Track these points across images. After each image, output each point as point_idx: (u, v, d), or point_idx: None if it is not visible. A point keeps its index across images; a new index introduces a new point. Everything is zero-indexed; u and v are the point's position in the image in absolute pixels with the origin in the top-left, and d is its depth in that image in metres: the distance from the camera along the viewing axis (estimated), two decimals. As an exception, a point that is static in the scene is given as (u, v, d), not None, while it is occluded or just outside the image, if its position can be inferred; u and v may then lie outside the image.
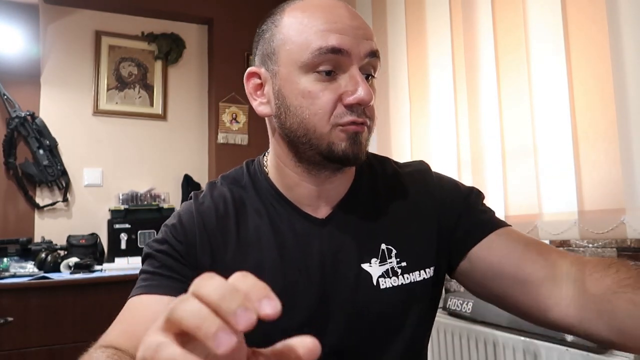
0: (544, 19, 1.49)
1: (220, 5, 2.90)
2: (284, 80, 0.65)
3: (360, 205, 0.72)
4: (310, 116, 0.63)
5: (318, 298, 0.67)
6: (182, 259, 0.68)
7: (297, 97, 0.64)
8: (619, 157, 1.25)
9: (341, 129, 0.63)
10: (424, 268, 0.71)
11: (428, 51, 1.99)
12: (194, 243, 0.69)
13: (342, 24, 0.63)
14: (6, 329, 1.87)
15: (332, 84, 0.63)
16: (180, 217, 0.72)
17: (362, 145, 0.65)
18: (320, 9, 0.64)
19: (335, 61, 0.62)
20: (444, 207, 0.73)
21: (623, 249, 1.28)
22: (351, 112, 0.63)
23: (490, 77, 1.66)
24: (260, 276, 0.70)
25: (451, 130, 1.82)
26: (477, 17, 1.74)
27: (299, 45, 0.63)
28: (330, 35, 0.62)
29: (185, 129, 2.90)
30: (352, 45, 0.62)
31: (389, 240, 0.70)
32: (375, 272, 0.69)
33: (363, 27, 0.65)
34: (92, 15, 2.73)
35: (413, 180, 0.76)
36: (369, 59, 0.64)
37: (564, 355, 1.15)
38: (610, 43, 1.27)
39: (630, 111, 1.23)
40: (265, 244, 0.69)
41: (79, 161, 2.62)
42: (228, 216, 0.71)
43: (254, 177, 0.75)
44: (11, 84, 2.47)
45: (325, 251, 0.69)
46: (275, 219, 0.71)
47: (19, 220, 2.46)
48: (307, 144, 0.65)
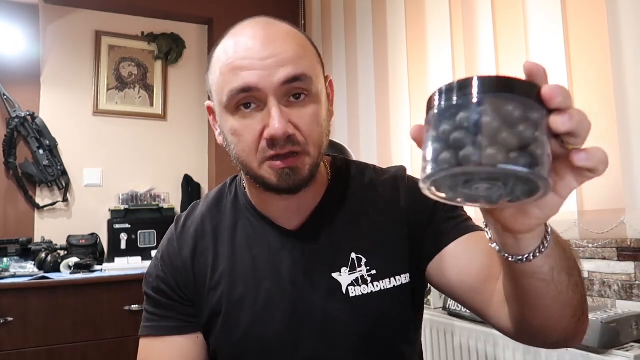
0: (543, 19, 1.49)
1: (220, 5, 2.90)
2: (220, 118, 0.67)
3: (332, 216, 0.73)
4: (240, 153, 0.65)
5: (292, 308, 0.69)
6: (173, 293, 0.74)
7: (229, 135, 0.66)
8: (619, 157, 1.25)
9: (269, 164, 0.63)
10: (395, 275, 0.71)
11: (428, 51, 1.99)
12: (180, 272, 0.75)
13: (251, 58, 0.62)
14: (6, 329, 1.87)
15: (253, 120, 0.63)
16: (164, 250, 0.78)
17: (298, 177, 0.63)
18: (234, 43, 0.64)
19: (252, 97, 0.62)
20: (414, 212, 0.72)
21: (623, 248, 1.28)
22: (273, 146, 0.62)
23: (490, 77, 1.66)
24: (235, 288, 0.70)
25: (451, 130, 1.82)
26: (477, 17, 1.74)
27: (220, 86, 0.64)
28: (239, 75, 0.61)
29: (185, 129, 2.91)
30: (261, 79, 0.61)
31: (359, 250, 0.71)
32: (344, 280, 0.70)
33: (276, 53, 0.62)
34: (92, 15, 2.73)
35: (387, 187, 0.76)
36: (289, 85, 0.62)
37: (564, 355, 1.15)
38: (610, 43, 1.27)
39: (630, 111, 1.23)
40: (239, 257, 0.72)
41: (79, 161, 2.62)
42: (205, 236, 0.75)
43: (235, 193, 0.79)
44: (11, 84, 2.47)
45: (297, 262, 0.70)
46: (250, 233, 0.74)
47: (19, 220, 2.46)
48: (248, 175, 0.67)
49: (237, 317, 0.70)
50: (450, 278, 0.68)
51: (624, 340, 1.11)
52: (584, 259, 1.37)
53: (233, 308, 0.71)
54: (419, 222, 0.72)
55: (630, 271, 1.25)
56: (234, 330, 0.70)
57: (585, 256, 1.37)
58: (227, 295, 0.71)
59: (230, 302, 0.71)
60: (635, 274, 1.24)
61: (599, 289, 1.32)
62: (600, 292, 1.32)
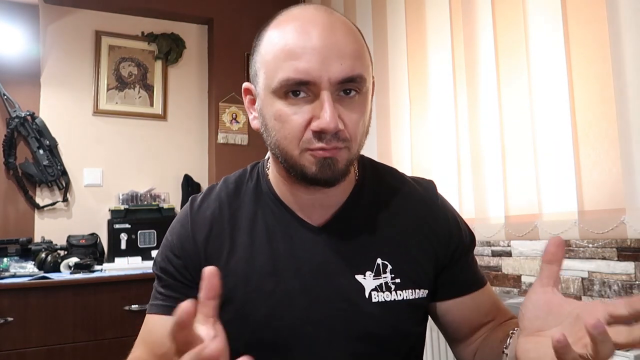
0: (544, 19, 1.48)
1: (220, 5, 2.90)
2: (263, 101, 0.65)
3: (358, 216, 0.72)
4: (281, 139, 0.63)
5: (310, 304, 0.68)
6: (181, 276, 0.72)
7: (271, 119, 0.64)
8: (619, 157, 1.25)
9: (310, 153, 0.62)
10: (417, 288, 0.71)
11: (428, 51, 1.99)
12: (189, 255, 0.72)
13: (311, 45, 0.60)
14: (6, 329, 1.87)
15: (302, 107, 0.61)
16: (176, 230, 0.75)
17: (337, 169, 0.63)
18: (292, 29, 0.62)
19: (304, 87, 0.60)
20: (443, 242, 0.74)
21: (623, 249, 1.28)
22: (319, 139, 0.61)
23: (490, 78, 1.66)
24: (252, 279, 0.69)
25: (451, 130, 1.82)
26: (477, 18, 1.74)
27: (271, 71, 0.62)
28: (295, 63, 0.59)
29: (185, 129, 2.90)
30: (319, 73, 0.59)
31: (385, 255, 0.70)
32: (368, 285, 0.69)
33: (336, 47, 0.60)
34: (92, 15, 2.73)
35: (417, 200, 0.75)
36: (344, 84, 0.61)
37: (564, 355, 1.15)
38: (610, 43, 1.27)
39: (630, 111, 1.23)
40: (259, 247, 0.70)
41: (79, 161, 2.62)
42: (222, 221, 0.73)
43: (255, 181, 0.76)
44: (11, 84, 2.47)
45: (319, 259, 0.69)
46: (271, 224, 0.72)
47: (19, 220, 2.46)
48: (284, 162, 0.65)
49: (253, 308, 0.69)
50: (449, 321, 0.76)
51: (624, 340, 1.11)
52: (584, 259, 1.37)
53: (249, 299, 0.69)
54: (443, 254, 0.74)
55: (630, 271, 1.25)
56: (249, 322, 0.69)
57: (585, 256, 1.37)
58: (243, 285, 0.69)
59: (246, 292, 0.69)
60: (635, 274, 1.24)
61: (599, 289, 1.32)
62: (600, 292, 1.32)
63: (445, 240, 0.74)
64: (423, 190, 0.77)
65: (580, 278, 1.38)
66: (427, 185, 0.78)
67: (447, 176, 1.83)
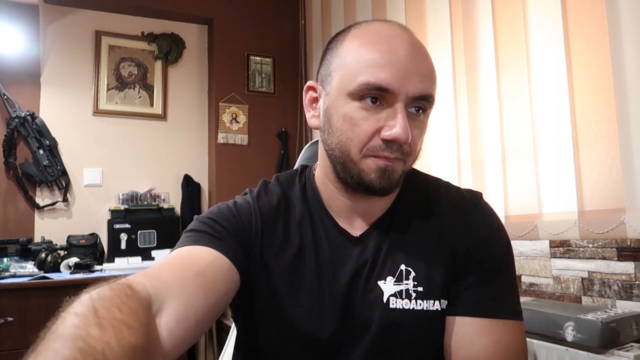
0: (544, 19, 1.49)
1: (220, 5, 2.90)
2: (332, 101, 0.66)
3: (394, 226, 0.72)
4: (347, 141, 0.64)
5: (342, 313, 0.68)
6: (233, 231, 0.68)
7: (339, 120, 0.65)
8: (619, 157, 1.25)
9: (373, 159, 0.63)
10: (440, 298, 0.68)
11: (428, 51, 1.98)
12: (248, 227, 0.70)
13: (397, 59, 0.62)
14: (6, 329, 1.87)
15: (374, 115, 0.63)
16: (238, 203, 0.74)
17: (393, 179, 0.64)
18: (378, 40, 0.64)
19: (381, 95, 0.62)
20: (464, 249, 0.69)
21: (623, 249, 1.28)
22: (385, 147, 0.63)
23: (490, 78, 1.66)
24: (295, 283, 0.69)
25: (451, 130, 1.82)
26: (477, 17, 1.74)
27: (350, 74, 0.64)
28: (379, 72, 0.61)
29: (185, 129, 2.91)
30: (399, 85, 0.61)
31: (410, 263, 0.69)
32: (387, 290, 0.68)
33: (418, 65, 0.63)
34: (92, 15, 2.74)
35: (453, 209, 0.72)
36: (418, 101, 0.63)
37: (564, 355, 1.14)
38: (610, 43, 1.27)
39: (630, 111, 1.23)
40: (306, 249, 0.71)
41: (79, 161, 2.62)
42: (279, 214, 0.73)
43: (304, 184, 0.77)
44: (11, 84, 2.47)
45: (353, 268, 0.69)
46: (317, 228, 0.72)
47: (19, 220, 2.46)
48: (341, 165, 0.66)
49: (290, 311, 0.68)
50: (446, 341, 0.67)
51: (624, 340, 1.11)
52: (584, 259, 1.37)
53: (289, 302, 0.68)
54: (460, 262, 0.69)
55: (630, 271, 1.25)
56: (283, 324, 0.68)
57: (585, 256, 1.37)
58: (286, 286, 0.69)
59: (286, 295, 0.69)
60: (635, 274, 1.24)
61: (599, 289, 1.32)
62: (600, 292, 1.32)
63: (467, 247, 0.69)
64: (462, 200, 0.74)
65: (580, 278, 1.38)
66: (469, 196, 0.75)
67: (447, 176, 1.83)
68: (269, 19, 2.99)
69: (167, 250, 2.41)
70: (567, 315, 1.15)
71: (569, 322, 1.14)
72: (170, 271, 0.58)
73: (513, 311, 0.67)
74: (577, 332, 1.12)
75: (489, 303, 0.67)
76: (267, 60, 2.99)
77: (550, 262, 1.46)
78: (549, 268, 1.46)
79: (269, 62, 3.00)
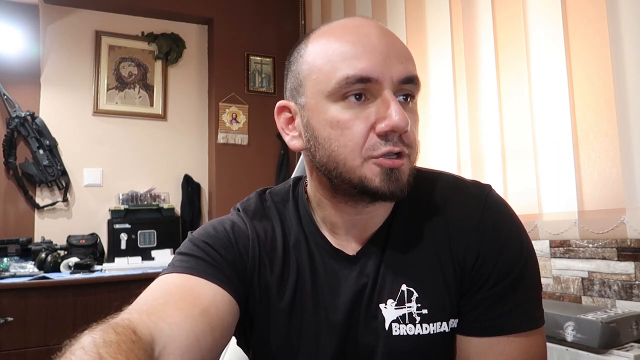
0: (544, 19, 1.49)
1: (220, 5, 2.90)
2: (312, 111, 0.59)
3: (392, 240, 0.64)
4: (340, 148, 0.57)
5: (341, 343, 0.63)
6: (230, 260, 0.64)
7: (325, 128, 0.58)
8: (619, 157, 1.25)
9: (374, 162, 0.56)
10: (448, 319, 0.61)
11: (428, 51, 1.98)
12: (245, 257, 0.65)
13: (371, 45, 0.56)
14: (6, 329, 1.87)
15: (363, 111, 0.56)
16: (235, 226, 0.67)
17: (401, 181, 0.57)
18: (346, 32, 0.58)
19: (366, 88, 0.56)
20: (472, 258, 0.61)
21: (623, 249, 1.28)
22: (386, 142, 0.56)
23: (490, 77, 1.66)
24: (295, 310, 0.65)
25: (451, 130, 1.82)
26: (477, 17, 1.74)
27: (325, 73, 0.57)
28: (358, 62, 0.55)
29: (185, 129, 2.91)
30: (382, 71, 0.55)
31: (412, 281, 0.61)
32: (389, 315, 0.61)
33: (395, 47, 0.57)
34: (92, 15, 2.74)
35: (461, 210, 0.63)
36: (404, 85, 0.57)
37: (564, 355, 1.14)
38: (610, 43, 1.27)
39: (630, 111, 1.23)
40: (304, 276, 0.65)
41: (79, 161, 2.62)
42: (275, 240, 0.67)
43: (297, 202, 0.70)
44: (11, 84, 2.47)
45: (350, 291, 0.63)
46: (312, 251, 0.66)
47: (19, 220, 2.46)
48: (339, 178, 0.58)
49: (288, 343, 0.64)
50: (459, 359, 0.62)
51: (624, 340, 1.11)
52: (584, 259, 1.37)
53: (287, 333, 0.64)
54: (468, 274, 0.61)
55: (630, 271, 1.25)
56: (282, 353, 0.65)
57: (585, 256, 1.37)
58: (286, 315, 0.64)
59: (286, 325, 0.64)
60: (635, 274, 1.24)
61: (599, 289, 1.32)
62: (600, 292, 1.32)
63: (477, 253, 0.60)
64: (468, 196, 0.64)
65: (580, 278, 1.38)
66: (476, 190, 0.65)
67: (447, 176, 1.83)
68: (269, 19, 2.99)
69: (167, 250, 2.42)
70: (567, 315, 1.15)
71: (569, 322, 1.14)
72: (174, 310, 0.53)
73: (532, 319, 0.60)
74: (577, 332, 1.12)
75: (505, 319, 0.59)
76: (267, 60, 2.99)
77: (550, 262, 1.46)
78: (549, 268, 1.46)
79: (269, 62, 3.00)
